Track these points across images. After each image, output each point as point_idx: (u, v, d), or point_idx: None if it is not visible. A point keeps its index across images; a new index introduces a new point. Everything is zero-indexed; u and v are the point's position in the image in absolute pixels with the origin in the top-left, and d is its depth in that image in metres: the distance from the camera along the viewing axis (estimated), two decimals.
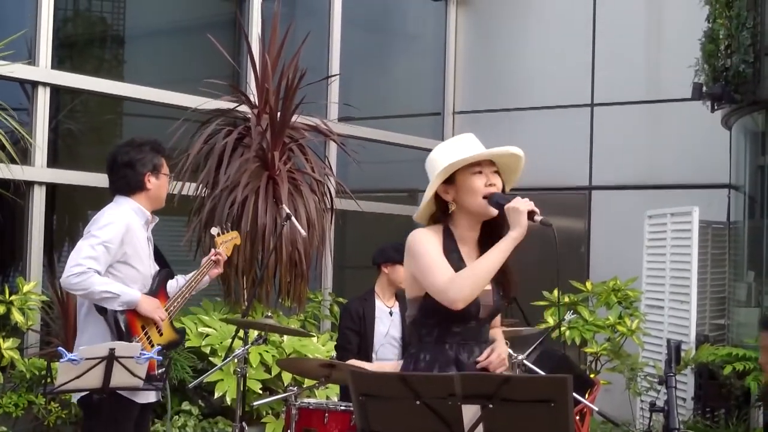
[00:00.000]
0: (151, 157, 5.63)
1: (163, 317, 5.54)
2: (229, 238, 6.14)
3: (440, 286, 4.02)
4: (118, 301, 5.34)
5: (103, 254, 5.34)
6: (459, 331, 4.13)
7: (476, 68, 12.88)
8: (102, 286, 5.30)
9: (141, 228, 5.58)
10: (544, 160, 11.91)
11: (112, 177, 5.68)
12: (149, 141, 5.72)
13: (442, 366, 4.10)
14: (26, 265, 8.41)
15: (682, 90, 9.87)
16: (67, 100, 9.70)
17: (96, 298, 5.33)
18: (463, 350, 4.12)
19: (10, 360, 7.39)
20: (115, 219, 5.45)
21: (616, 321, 9.13)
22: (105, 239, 5.35)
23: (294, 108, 8.55)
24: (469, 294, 3.98)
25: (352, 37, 11.87)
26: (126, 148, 5.66)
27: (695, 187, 10.90)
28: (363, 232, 12.07)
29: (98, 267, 5.31)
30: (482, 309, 4.13)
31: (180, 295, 5.73)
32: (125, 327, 5.38)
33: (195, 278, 5.78)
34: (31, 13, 8.62)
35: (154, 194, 5.66)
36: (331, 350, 8.16)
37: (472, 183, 4.14)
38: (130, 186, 5.60)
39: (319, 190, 8.77)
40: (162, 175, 5.68)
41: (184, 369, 7.87)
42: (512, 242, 4.05)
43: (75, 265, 5.28)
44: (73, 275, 5.27)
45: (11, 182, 7.63)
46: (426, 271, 4.08)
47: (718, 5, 9.31)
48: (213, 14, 11.91)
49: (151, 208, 5.68)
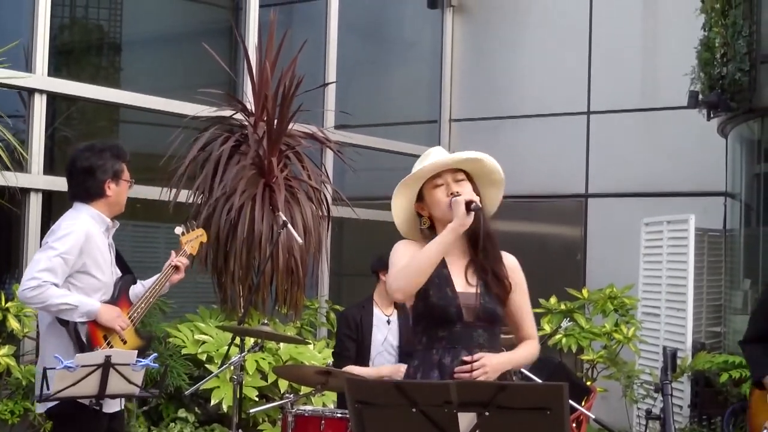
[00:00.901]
0: (112, 164, 5.50)
1: (123, 326, 5.41)
2: (194, 237, 6.00)
3: (388, 281, 4.11)
4: (76, 312, 5.25)
5: (60, 266, 5.25)
6: (444, 336, 4.12)
7: (473, 76, 12.88)
8: (59, 298, 5.21)
9: (101, 235, 5.47)
10: (540, 167, 11.95)
11: (71, 182, 5.54)
12: (110, 146, 5.59)
13: (426, 370, 4.10)
14: (22, 273, 8.35)
15: (679, 98, 9.88)
16: (63, 108, 9.71)
17: (53, 310, 5.25)
18: (447, 354, 4.09)
19: (6, 367, 7.37)
20: (73, 229, 5.34)
21: (613, 328, 9.14)
22: (62, 251, 5.25)
23: (290, 116, 8.55)
24: (405, 284, 4.02)
25: (348, 45, 11.88)
26: (86, 153, 5.52)
27: (691, 195, 10.91)
28: (359, 240, 12.07)
29: (55, 279, 5.22)
30: (465, 311, 4.10)
31: (144, 300, 5.60)
32: (86, 338, 5.28)
33: (158, 282, 5.66)
34: (27, 20, 8.62)
35: (113, 200, 5.53)
36: (327, 357, 8.16)
37: (435, 196, 4.19)
38: (89, 193, 5.48)
39: (316, 197, 8.77)
40: (122, 182, 5.55)
41: (180, 376, 7.86)
42: (450, 232, 4.05)
43: (30, 279, 5.20)
44: (29, 288, 5.19)
45: (7, 189, 7.62)
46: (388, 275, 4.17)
47: (714, 14, 9.33)
48: (210, 22, 11.94)
49: (110, 215, 5.56)
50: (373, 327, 6.96)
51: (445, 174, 4.20)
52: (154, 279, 5.69)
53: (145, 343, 5.66)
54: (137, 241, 10.09)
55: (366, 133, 11.81)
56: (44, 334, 5.46)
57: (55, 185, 8.78)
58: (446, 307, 4.08)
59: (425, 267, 4.03)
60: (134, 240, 10.01)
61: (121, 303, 5.52)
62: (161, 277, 5.68)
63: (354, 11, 12.38)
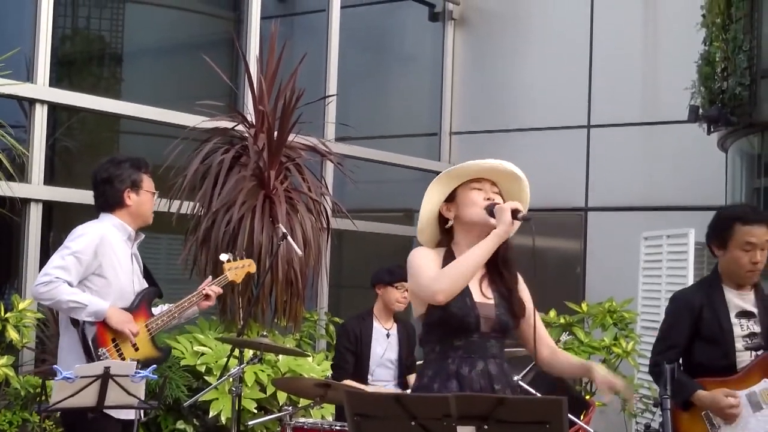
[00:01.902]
0: (129, 173, 5.61)
1: (134, 331, 5.45)
2: (241, 265, 6.10)
3: (424, 282, 4.07)
4: (85, 311, 5.30)
5: (74, 264, 5.33)
6: (461, 345, 4.12)
7: (473, 89, 12.91)
8: (69, 295, 5.29)
9: (122, 243, 5.55)
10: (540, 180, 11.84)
11: (95, 194, 5.68)
12: (130, 158, 5.71)
13: (443, 380, 4.09)
14: (22, 283, 8.40)
15: (679, 112, 9.89)
16: (64, 118, 9.72)
17: (63, 307, 5.34)
18: (464, 364, 4.10)
19: (5, 377, 7.36)
20: (88, 231, 5.45)
21: (612, 342, 9.13)
22: (75, 250, 5.35)
23: (291, 127, 8.56)
24: (448, 286, 4.00)
25: (349, 57, 11.91)
26: (106, 165, 5.65)
27: (691, 209, 10.91)
28: (359, 252, 12.08)
29: (67, 277, 5.30)
30: (483, 322, 4.12)
31: (166, 313, 5.67)
32: (92, 338, 5.33)
33: (188, 300, 5.75)
34: (29, 30, 8.64)
35: (135, 210, 5.62)
36: (326, 370, 8.15)
37: (472, 196, 4.20)
38: (109, 202, 5.60)
39: (316, 209, 8.77)
40: (144, 192, 5.65)
41: (179, 388, 7.84)
42: (495, 238, 4.08)
43: (43, 275, 5.30)
44: (41, 284, 5.29)
45: (7, 199, 7.62)
46: (415, 276, 4.14)
47: (715, 28, 9.34)
48: (210, 33, 11.96)
49: (135, 225, 5.64)
50: (372, 340, 6.96)
51: (485, 181, 4.24)
52: (184, 300, 5.78)
53: (161, 356, 5.74)
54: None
55: (366, 145, 11.83)
56: (62, 335, 5.55)
57: (56, 196, 8.80)
58: (465, 316, 4.09)
59: (470, 270, 4.05)
60: None
61: (140, 312, 5.58)
62: (191, 297, 5.78)
63: (355, 24, 12.41)
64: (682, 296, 5.50)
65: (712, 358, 5.26)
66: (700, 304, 5.33)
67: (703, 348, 5.30)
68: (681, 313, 5.39)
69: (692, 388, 5.17)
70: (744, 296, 5.36)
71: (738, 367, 5.22)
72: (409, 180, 12.48)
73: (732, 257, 5.29)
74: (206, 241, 8.10)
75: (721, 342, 5.25)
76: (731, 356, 5.24)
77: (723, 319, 5.29)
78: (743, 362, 5.23)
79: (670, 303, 5.53)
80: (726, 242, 5.33)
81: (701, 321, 5.30)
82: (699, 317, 5.31)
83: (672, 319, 5.45)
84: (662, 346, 5.38)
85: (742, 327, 5.31)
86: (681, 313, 5.39)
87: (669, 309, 5.53)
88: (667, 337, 5.40)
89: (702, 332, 5.29)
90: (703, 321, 5.29)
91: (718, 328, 5.27)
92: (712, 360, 5.25)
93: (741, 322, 5.31)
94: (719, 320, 5.28)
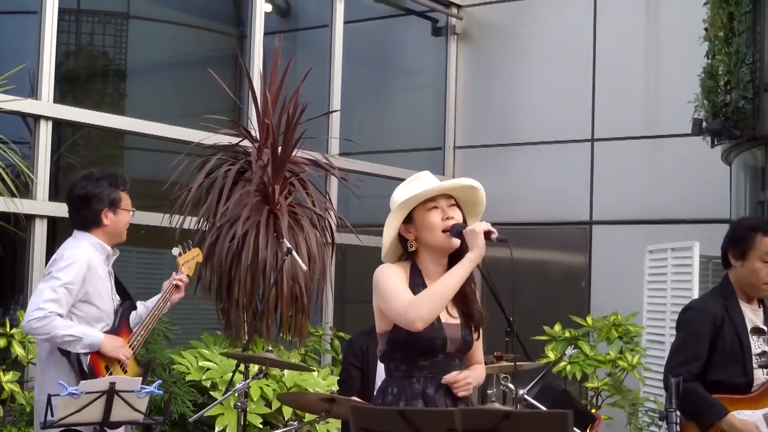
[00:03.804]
0: (108, 192, 5.54)
1: (127, 355, 5.46)
2: (191, 257, 6.05)
3: (400, 308, 4.05)
4: (80, 344, 5.28)
5: (65, 296, 5.28)
6: (426, 365, 4.14)
7: (476, 103, 12.92)
8: (64, 329, 5.24)
9: (101, 264, 5.51)
10: (544, 195, 11.97)
11: (70, 210, 5.61)
12: (108, 174, 5.62)
13: (409, 399, 4.11)
14: (27, 298, 8.39)
15: (682, 125, 9.90)
16: (68, 134, 9.72)
17: (58, 341, 5.28)
18: (430, 383, 4.13)
19: (10, 393, 7.36)
20: (76, 258, 5.36)
21: (617, 356, 9.11)
22: (66, 281, 5.29)
23: (295, 142, 8.56)
24: (427, 313, 3.99)
25: (352, 72, 11.92)
26: (83, 182, 5.57)
27: (696, 222, 10.92)
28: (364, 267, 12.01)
29: (60, 310, 5.25)
30: (449, 342, 4.15)
31: (143, 326, 5.64)
32: (88, 368, 5.31)
33: (157, 306, 5.70)
34: (33, 47, 8.66)
35: (112, 230, 5.57)
36: (331, 384, 8.14)
37: (429, 219, 4.20)
38: (86, 222, 5.53)
39: (320, 224, 8.76)
40: (121, 210, 5.58)
41: (184, 403, 7.84)
42: (470, 263, 4.07)
43: (36, 309, 5.22)
44: (35, 319, 5.21)
45: (12, 215, 7.63)
46: (387, 299, 4.13)
47: (717, 42, 9.35)
48: (214, 49, 11.97)
49: (110, 243, 5.59)
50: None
51: (440, 198, 4.23)
52: (156, 300, 5.72)
53: (143, 371, 5.67)
54: (142, 267, 10.10)
55: (370, 160, 11.83)
56: (44, 362, 5.48)
57: (61, 212, 8.74)
58: (433, 338, 4.11)
59: (447, 297, 4.05)
60: (139, 266, 10.02)
61: (122, 331, 5.55)
62: (160, 300, 5.71)
63: (358, 39, 12.43)
64: (703, 306, 5.37)
65: (731, 375, 5.15)
66: (721, 316, 5.21)
67: (721, 364, 5.17)
68: (702, 323, 5.23)
69: (723, 411, 5.04)
70: (756, 312, 5.30)
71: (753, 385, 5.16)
72: None
73: (751, 268, 5.23)
74: (210, 257, 8.10)
75: (740, 358, 5.15)
76: (750, 374, 5.15)
77: (742, 334, 5.18)
78: (758, 380, 5.17)
79: (688, 313, 5.37)
80: (745, 253, 5.27)
81: (720, 334, 5.18)
82: (719, 330, 5.19)
83: (692, 330, 5.26)
84: (681, 358, 5.20)
85: (756, 344, 5.23)
86: (702, 323, 5.23)
87: (687, 319, 5.35)
88: (687, 348, 5.20)
89: (720, 347, 5.16)
90: (723, 335, 5.17)
91: (738, 344, 5.16)
92: (731, 377, 5.15)
93: (753, 339, 5.25)
94: (739, 335, 5.17)
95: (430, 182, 4.27)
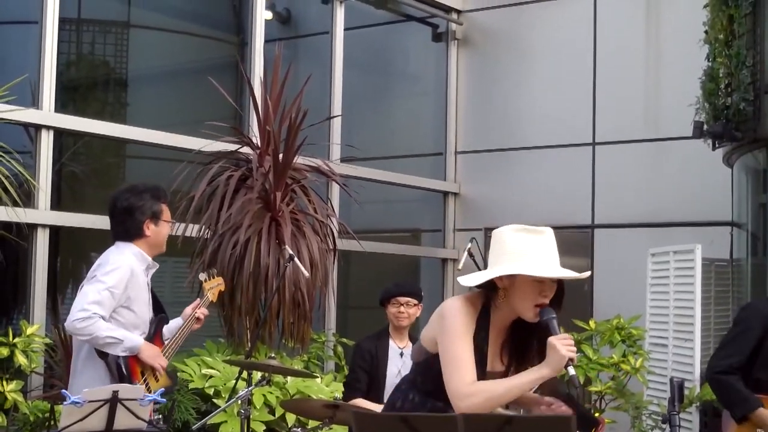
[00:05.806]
0: (150, 204, 5.67)
1: (163, 364, 5.61)
2: (215, 284, 6.23)
3: (456, 391, 3.95)
4: (121, 346, 5.39)
5: (108, 299, 5.39)
6: (441, 407, 4.09)
7: (478, 108, 12.92)
8: (106, 331, 5.35)
9: (142, 273, 5.63)
10: (546, 199, 11.96)
11: (112, 222, 5.72)
12: (150, 187, 5.76)
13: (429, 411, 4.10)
14: (30, 308, 8.41)
15: (683, 128, 9.89)
16: (70, 143, 9.74)
17: (100, 343, 5.38)
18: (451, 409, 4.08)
19: (14, 402, 7.37)
20: (120, 264, 5.49)
21: (620, 359, 9.10)
22: (110, 285, 5.40)
23: (296, 149, 8.57)
24: (478, 410, 3.88)
25: (353, 79, 11.93)
26: (126, 194, 5.70)
27: (698, 225, 10.91)
28: (366, 273, 12.07)
29: (103, 312, 5.35)
30: None
31: (173, 341, 5.79)
32: (127, 371, 5.41)
33: (181, 334, 5.85)
34: (34, 56, 8.66)
35: (153, 241, 5.69)
36: (335, 391, 8.14)
37: (529, 290, 4.09)
38: (129, 233, 5.64)
39: (322, 230, 8.76)
40: (162, 222, 5.71)
41: (187, 411, 7.84)
42: (540, 378, 3.99)
43: (81, 310, 5.33)
44: (78, 320, 5.32)
45: (14, 225, 7.64)
46: (448, 362, 4.01)
47: (718, 44, 9.35)
48: (215, 57, 11.99)
49: (152, 254, 5.72)
50: (388, 359, 6.94)
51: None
52: (177, 324, 5.86)
53: (172, 382, 5.91)
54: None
55: (371, 166, 11.84)
56: (79, 365, 5.57)
57: (62, 221, 8.81)
58: None
59: (505, 400, 3.98)
60: None
61: (156, 341, 5.70)
62: (183, 328, 5.86)
63: (359, 45, 12.44)
64: (758, 307, 5.58)
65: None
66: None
67: (765, 364, 5.31)
68: (755, 321, 5.42)
69: (755, 405, 5.19)
70: None
71: None
72: (415, 200, 12.49)
73: None
74: (213, 264, 8.10)
75: None
76: None
77: None
78: None
79: (743, 311, 5.63)
80: None
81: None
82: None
83: (743, 327, 5.48)
84: (726, 352, 5.44)
85: None
86: (755, 321, 5.42)
87: (741, 317, 5.59)
88: (734, 343, 5.42)
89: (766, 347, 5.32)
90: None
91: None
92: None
93: None
94: None
95: (549, 249, 4.22)
